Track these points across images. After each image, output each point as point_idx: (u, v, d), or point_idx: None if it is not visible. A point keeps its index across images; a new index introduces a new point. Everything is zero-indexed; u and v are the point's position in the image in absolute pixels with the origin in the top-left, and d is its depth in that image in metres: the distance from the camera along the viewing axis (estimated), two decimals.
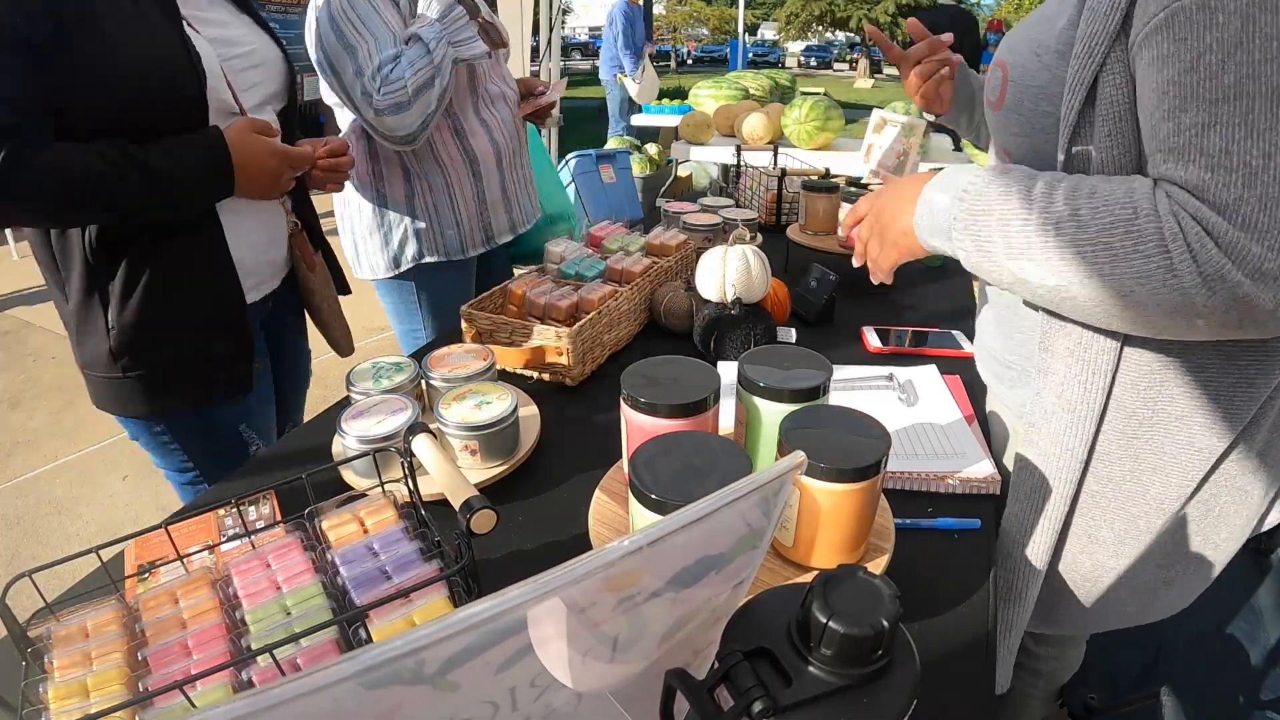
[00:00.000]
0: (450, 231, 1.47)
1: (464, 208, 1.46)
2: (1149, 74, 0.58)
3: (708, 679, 0.37)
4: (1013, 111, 0.71)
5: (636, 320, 1.22)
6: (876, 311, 1.32)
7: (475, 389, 0.87)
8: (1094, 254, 0.58)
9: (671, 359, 0.73)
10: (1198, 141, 0.55)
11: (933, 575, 0.72)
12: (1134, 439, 0.72)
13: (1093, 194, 0.59)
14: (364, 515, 0.63)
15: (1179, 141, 0.56)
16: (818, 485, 0.60)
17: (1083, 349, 0.71)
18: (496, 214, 1.51)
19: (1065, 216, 0.59)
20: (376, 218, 1.47)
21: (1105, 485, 0.75)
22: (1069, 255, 0.59)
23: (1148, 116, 0.59)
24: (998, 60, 0.74)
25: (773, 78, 4.56)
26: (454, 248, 1.48)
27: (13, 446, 2.70)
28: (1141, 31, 0.58)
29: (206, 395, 1.11)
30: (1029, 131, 0.70)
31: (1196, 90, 0.54)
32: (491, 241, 1.52)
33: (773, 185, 1.80)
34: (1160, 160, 0.58)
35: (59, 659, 0.51)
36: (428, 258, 1.48)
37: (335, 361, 1.51)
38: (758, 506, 0.36)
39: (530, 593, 0.26)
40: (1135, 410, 0.71)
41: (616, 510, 0.72)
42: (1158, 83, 0.57)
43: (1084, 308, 0.62)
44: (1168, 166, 0.57)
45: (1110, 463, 0.74)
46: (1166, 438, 0.71)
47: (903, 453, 0.85)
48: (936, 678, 0.61)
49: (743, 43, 9.90)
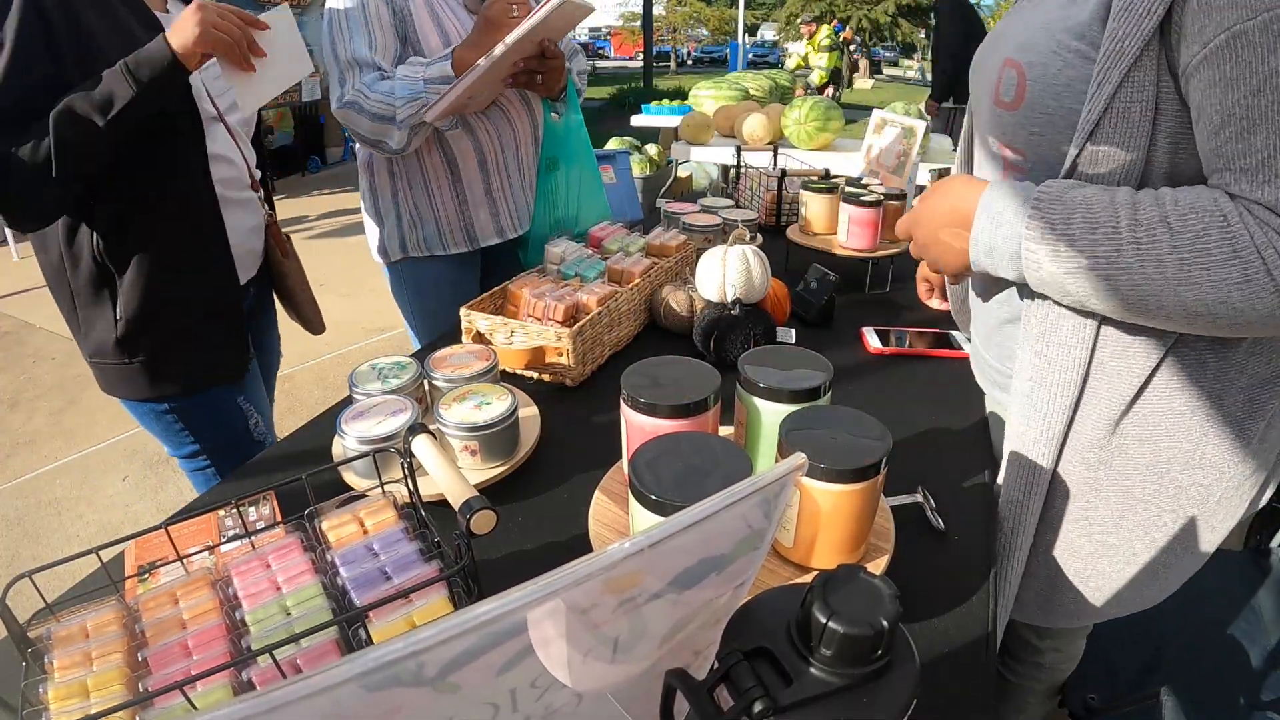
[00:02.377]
0: (430, 228, 1.47)
1: (442, 207, 1.46)
2: (1210, 95, 0.59)
3: (708, 679, 0.37)
4: (1033, 109, 0.71)
5: (636, 321, 1.22)
6: (876, 312, 1.32)
7: (475, 389, 0.88)
8: (1191, 260, 0.59)
9: (671, 359, 0.73)
10: (1273, 163, 0.57)
11: (933, 575, 0.72)
12: (1116, 412, 0.74)
13: (1176, 202, 0.61)
14: (364, 516, 0.63)
15: (1252, 163, 0.58)
16: (818, 486, 0.60)
17: (1053, 327, 0.73)
18: (479, 215, 1.49)
19: (1155, 222, 0.61)
20: (372, 205, 1.50)
21: (1092, 462, 0.77)
22: (1164, 262, 0.61)
23: (1211, 135, 0.61)
24: (1009, 60, 0.74)
25: (773, 78, 4.57)
26: (434, 244, 1.48)
27: (13, 447, 2.70)
28: (1199, 54, 0.59)
29: (208, 375, 1.20)
30: (1051, 129, 0.70)
31: (1266, 113, 0.56)
32: (475, 242, 1.51)
33: (773, 186, 1.80)
34: (1232, 179, 0.60)
35: (59, 659, 0.51)
36: (411, 252, 1.49)
37: (336, 362, 1.52)
38: (759, 508, 0.36)
39: (531, 594, 0.26)
40: (1115, 384, 0.73)
41: (616, 511, 0.72)
42: (1222, 105, 0.59)
43: (1171, 314, 0.63)
44: (1242, 186, 0.59)
45: (1093, 438, 0.75)
46: (1148, 407, 0.73)
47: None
48: (936, 677, 0.61)
49: (742, 43, 9.90)
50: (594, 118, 8.85)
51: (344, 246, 4.90)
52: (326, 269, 4.36)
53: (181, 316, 1.14)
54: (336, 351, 3.36)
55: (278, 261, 1.35)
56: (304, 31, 1.35)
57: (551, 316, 1.10)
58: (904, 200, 1.47)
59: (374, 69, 1.28)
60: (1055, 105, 0.69)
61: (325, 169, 7.33)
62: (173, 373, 1.16)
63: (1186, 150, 0.65)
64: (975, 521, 0.79)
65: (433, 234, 1.48)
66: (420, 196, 1.45)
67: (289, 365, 2.21)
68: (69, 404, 2.96)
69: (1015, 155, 0.76)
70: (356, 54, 1.28)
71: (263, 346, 1.42)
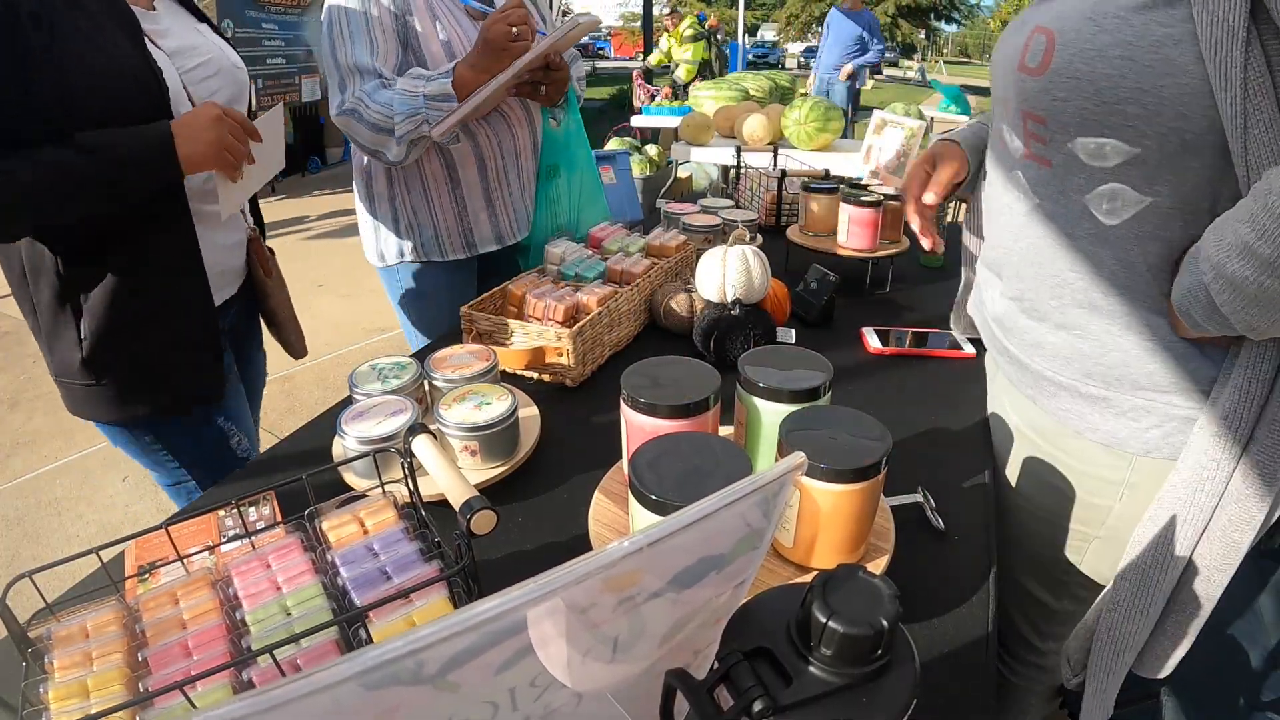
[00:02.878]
0: (428, 234, 1.46)
1: (441, 213, 1.45)
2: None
3: (708, 679, 0.37)
4: (1060, 74, 0.70)
5: (636, 321, 1.22)
6: (876, 312, 1.32)
7: (475, 389, 0.88)
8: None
9: (671, 359, 0.73)
10: None
11: (933, 575, 0.72)
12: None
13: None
14: (364, 516, 0.63)
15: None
16: (818, 486, 0.60)
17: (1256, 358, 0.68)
18: (479, 222, 1.48)
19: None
20: (370, 210, 1.49)
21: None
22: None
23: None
24: (1039, 27, 0.73)
25: (773, 79, 4.57)
26: (431, 250, 1.47)
27: (13, 447, 2.70)
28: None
29: (181, 400, 1.13)
30: (1077, 95, 0.69)
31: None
32: (473, 249, 1.49)
33: (772, 186, 1.80)
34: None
35: (59, 659, 0.51)
36: (407, 257, 1.48)
37: (336, 362, 1.52)
38: (758, 507, 0.36)
39: (531, 593, 0.26)
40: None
41: (616, 511, 0.72)
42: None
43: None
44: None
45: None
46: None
47: None
48: (937, 677, 0.61)
49: (742, 44, 9.89)
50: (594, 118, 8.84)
51: (344, 247, 4.90)
52: (326, 269, 4.36)
53: (151, 337, 1.07)
54: (336, 352, 3.36)
55: (260, 281, 1.29)
56: (304, 32, 1.34)
57: (551, 317, 1.10)
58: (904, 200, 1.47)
59: (375, 76, 1.26)
60: (1085, 70, 0.68)
61: (325, 169, 7.33)
62: (142, 396, 1.09)
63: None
64: (975, 521, 0.79)
65: (430, 239, 1.46)
66: (419, 202, 1.44)
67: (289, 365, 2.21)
68: None
69: (1036, 124, 0.75)
70: (358, 60, 1.25)
71: (249, 363, 1.38)
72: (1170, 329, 0.73)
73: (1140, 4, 0.64)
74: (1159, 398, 0.75)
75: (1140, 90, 0.64)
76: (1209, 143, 0.64)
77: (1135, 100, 0.65)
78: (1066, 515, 0.86)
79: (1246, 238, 0.58)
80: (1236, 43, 0.59)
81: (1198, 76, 0.62)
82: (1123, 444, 0.78)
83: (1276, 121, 0.60)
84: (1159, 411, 0.75)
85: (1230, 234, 0.61)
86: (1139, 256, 0.72)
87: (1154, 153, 0.67)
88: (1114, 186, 0.70)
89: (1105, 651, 0.82)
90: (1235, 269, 0.60)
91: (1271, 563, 1.13)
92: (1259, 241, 0.57)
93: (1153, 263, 0.72)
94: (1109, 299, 0.75)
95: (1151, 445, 0.77)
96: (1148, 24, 0.63)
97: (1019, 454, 0.91)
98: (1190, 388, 0.73)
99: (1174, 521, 0.74)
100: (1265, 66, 0.59)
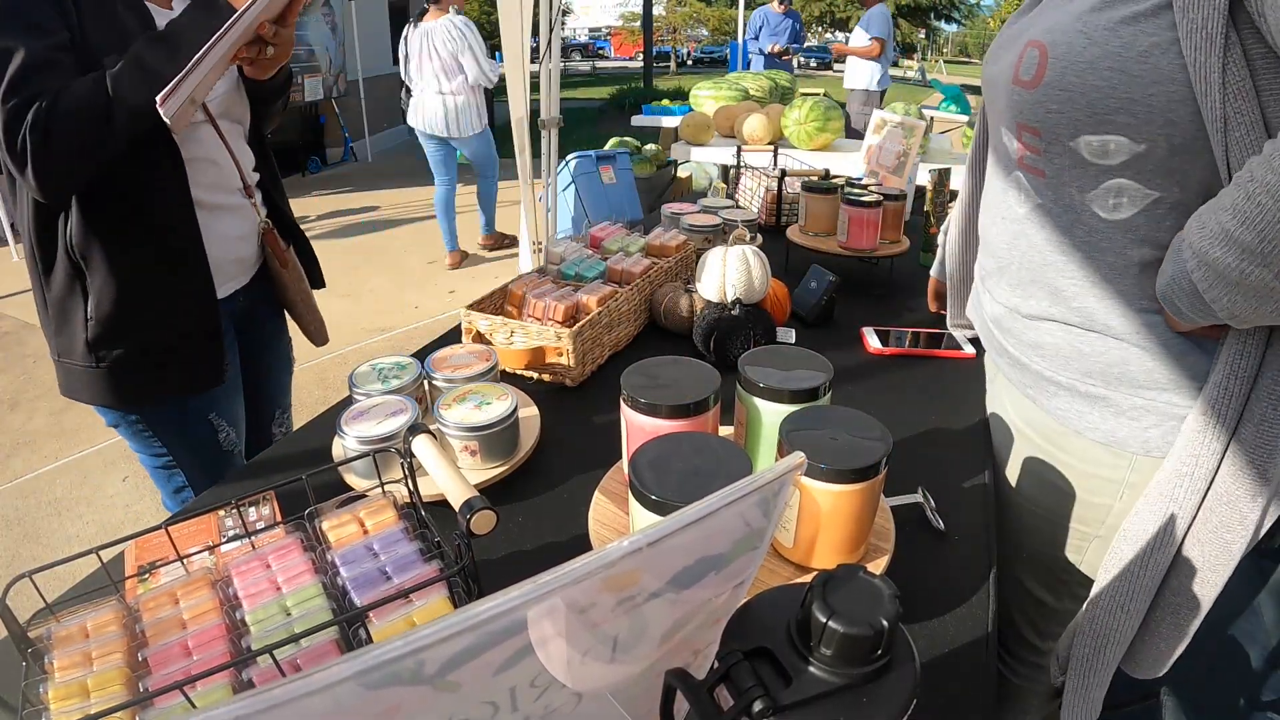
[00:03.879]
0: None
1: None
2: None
3: (708, 679, 0.37)
4: (1053, 87, 0.71)
5: (636, 321, 1.22)
6: (876, 312, 1.32)
7: (475, 389, 0.88)
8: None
9: (671, 359, 0.73)
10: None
11: (933, 575, 0.72)
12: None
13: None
14: (364, 516, 0.63)
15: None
16: (818, 486, 0.60)
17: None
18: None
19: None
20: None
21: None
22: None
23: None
24: (1032, 41, 0.74)
25: (773, 78, 4.57)
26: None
27: (13, 447, 2.71)
28: None
29: (176, 387, 1.17)
30: (1070, 107, 0.70)
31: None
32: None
33: (773, 186, 1.80)
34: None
35: (59, 659, 0.51)
36: None
37: (336, 362, 1.52)
38: (757, 507, 0.36)
39: (530, 593, 0.26)
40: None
41: (616, 511, 0.72)
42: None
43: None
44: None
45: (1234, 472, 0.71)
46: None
47: None
48: (937, 677, 0.61)
49: (742, 44, 9.90)
50: (594, 118, 8.83)
51: (344, 247, 4.90)
52: (326, 269, 4.33)
53: (152, 323, 1.10)
54: (336, 352, 3.36)
55: (276, 272, 1.30)
56: (305, 31, 1.34)
57: (551, 317, 1.10)
58: (904, 200, 1.47)
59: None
60: (1077, 82, 0.68)
61: (325, 169, 7.34)
62: (137, 381, 1.13)
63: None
64: (975, 521, 0.79)
65: None
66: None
67: None
68: (69, 404, 2.95)
69: (1030, 136, 0.76)
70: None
71: (268, 349, 1.40)
72: (1168, 327, 0.73)
73: (1128, 15, 0.65)
74: (1158, 396, 0.75)
75: (1131, 100, 0.65)
76: (1199, 146, 0.65)
77: (1126, 110, 0.66)
78: (1066, 515, 0.86)
79: (1228, 225, 0.59)
80: (1215, 47, 0.59)
81: (1183, 83, 0.62)
82: (1122, 443, 0.78)
83: (1258, 123, 0.61)
84: (1159, 410, 0.75)
85: (1213, 221, 0.61)
86: (1136, 256, 0.73)
87: (1151, 154, 0.67)
88: (1120, 182, 0.71)
89: (1086, 646, 0.83)
90: (1217, 255, 0.61)
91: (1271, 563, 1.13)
92: (1240, 229, 0.58)
93: (1150, 262, 0.72)
94: (1107, 299, 0.75)
95: (1151, 444, 0.77)
96: (1136, 35, 0.64)
97: (1019, 454, 0.91)
98: (1189, 386, 0.74)
99: (1156, 517, 0.74)
100: (1246, 70, 0.60)
